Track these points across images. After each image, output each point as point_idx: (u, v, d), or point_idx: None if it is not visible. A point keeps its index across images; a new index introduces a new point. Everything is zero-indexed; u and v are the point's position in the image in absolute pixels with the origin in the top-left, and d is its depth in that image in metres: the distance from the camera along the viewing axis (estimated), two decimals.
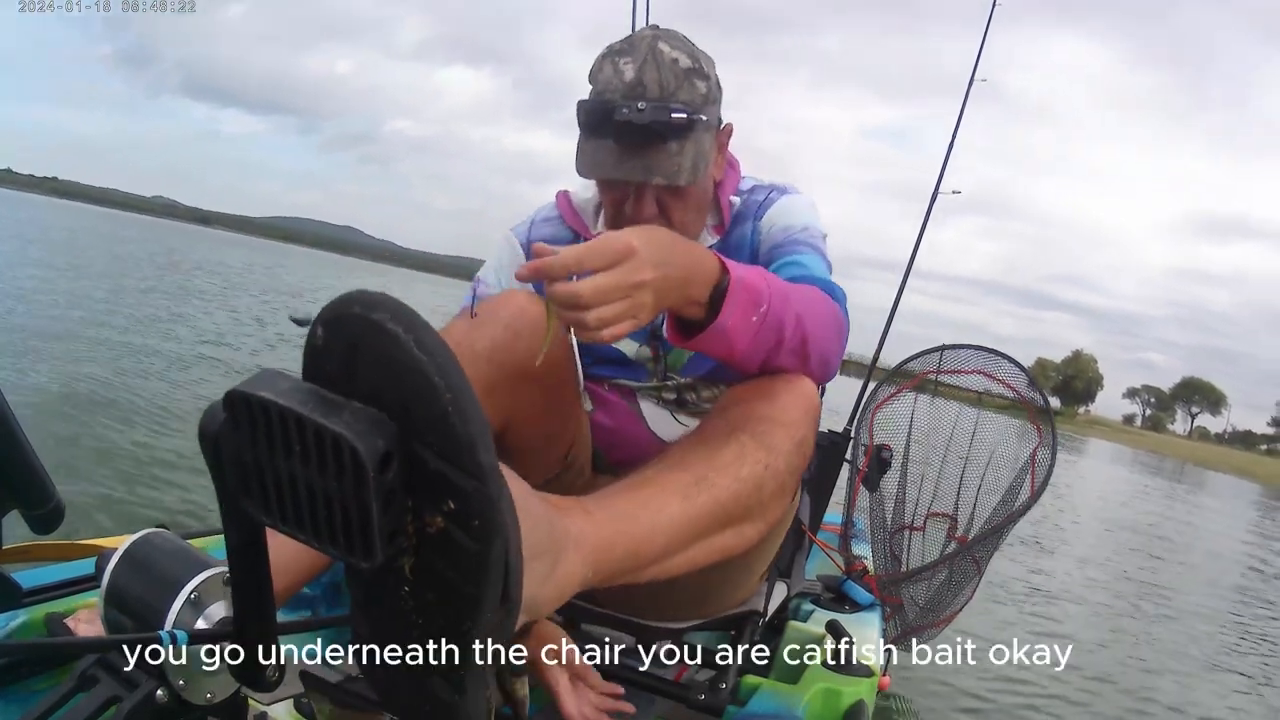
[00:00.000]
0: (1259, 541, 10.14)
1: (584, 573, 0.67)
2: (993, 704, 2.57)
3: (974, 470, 2.08)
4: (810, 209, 1.17)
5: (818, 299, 0.95)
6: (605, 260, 0.71)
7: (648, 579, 0.77)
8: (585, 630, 1.21)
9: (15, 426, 0.68)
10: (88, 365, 4.44)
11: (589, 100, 1.04)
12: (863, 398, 2.11)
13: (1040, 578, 4.61)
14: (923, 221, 2.35)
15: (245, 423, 0.51)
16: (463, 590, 0.52)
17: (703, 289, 0.80)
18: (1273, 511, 18.12)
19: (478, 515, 0.50)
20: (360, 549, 0.50)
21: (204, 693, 0.74)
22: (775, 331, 0.85)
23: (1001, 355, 2.06)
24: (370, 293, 0.51)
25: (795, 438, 0.85)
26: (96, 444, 3.17)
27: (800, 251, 1.10)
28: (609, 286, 0.71)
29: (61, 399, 3.67)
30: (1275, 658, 4.09)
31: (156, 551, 0.76)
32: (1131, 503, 11.65)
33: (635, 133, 1.00)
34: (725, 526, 0.81)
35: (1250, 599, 5.77)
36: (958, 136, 2.32)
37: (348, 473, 0.48)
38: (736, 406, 0.88)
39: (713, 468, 0.80)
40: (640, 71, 1.01)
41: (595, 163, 1.03)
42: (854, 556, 1.77)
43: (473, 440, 0.49)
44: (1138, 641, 3.83)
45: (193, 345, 5.88)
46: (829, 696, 1.10)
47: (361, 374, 0.50)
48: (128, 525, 2.30)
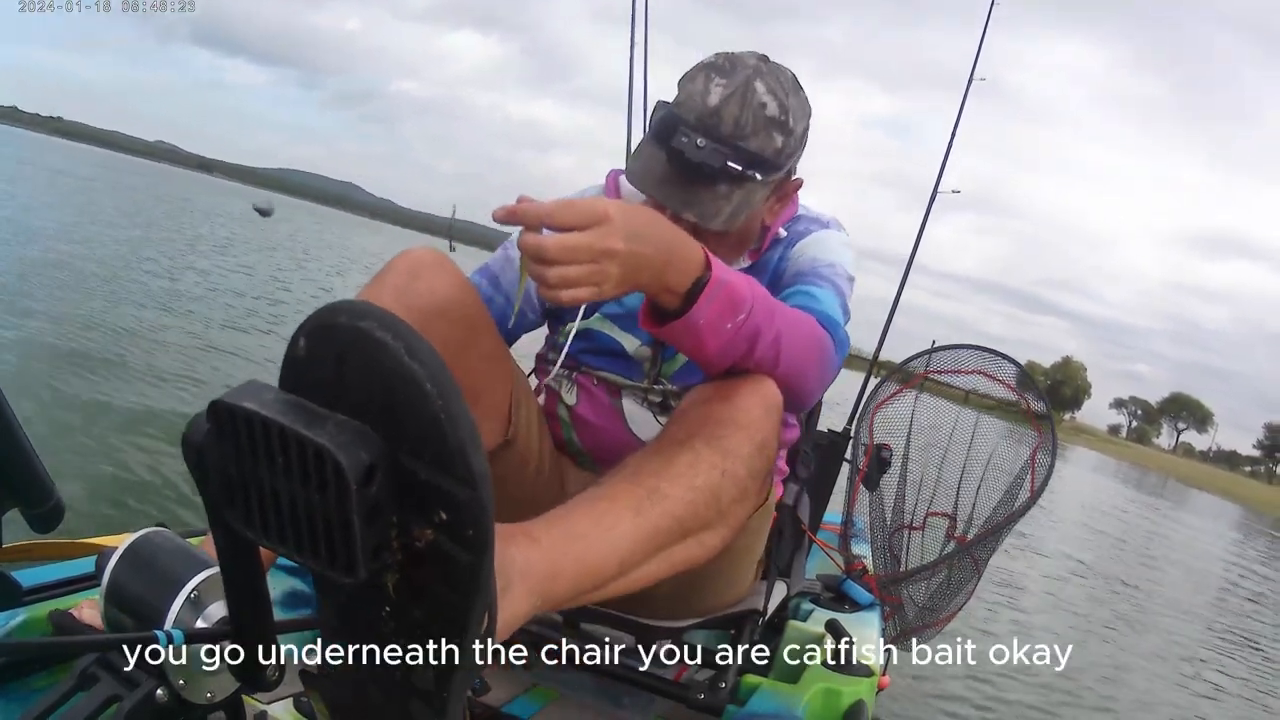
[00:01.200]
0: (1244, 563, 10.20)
1: (531, 603, 0.66)
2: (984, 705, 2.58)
3: (974, 470, 2.08)
4: (843, 247, 1.16)
5: (807, 329, 0.94)
6: (578, 220, 0.70)
7: (606, 597, 0.76)
8: (585, 630, 1.21)
9: (15, 426, 0.68)
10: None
11: (665, 107, 1.04)
12: (863, 397, 2.11)
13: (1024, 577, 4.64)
14: (923, 219, 2.36)
15: (229, 434, 0.50)
16: (452, 605, 0.52)
17: (680, 278, 0.79)
18: (1256, 536, 18.14)
19: (472, 524, 0.49)
20: (343, 563, 0.49)
21: (204, 692, 0.75)
22: (749, 341, 0.84)
23: (1002, 356, 2.06)
24: (355, 302, 0.51)
25: (755, 440, 0.84)
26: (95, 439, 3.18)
27: (816, 284, 1.08)
28: (576, 246, 0.70)
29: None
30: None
31: (157, 550, 0.76)
32: (1114, 514, 11.68)
33: (687, 165, 0.99)
34: (683, 538, 0.79)
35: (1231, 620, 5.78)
36: (957, 134, 2.33)
37: (330, 486, 0.48)
38: (694, 409, 0.86)
39: (665, 478, 0.78)
40: (724, 101, 0.99)
41: (644, 172, 1.03)
42: (854, 556, 1.77)
43: (464, 446, 0.48)
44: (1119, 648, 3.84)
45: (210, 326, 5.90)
46: (829, 696, 1.09)
47: (349, 384, 0.50)
48: (128, 524, 2.30)
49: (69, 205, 13.21)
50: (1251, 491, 56.03)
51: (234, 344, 5.54)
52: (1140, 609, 5.29)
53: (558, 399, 1.21)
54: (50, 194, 15.26)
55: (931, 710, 2.53)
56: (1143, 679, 3.51)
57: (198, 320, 6.04)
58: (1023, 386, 1.99)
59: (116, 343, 4.67)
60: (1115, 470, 32.41)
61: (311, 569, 0.52)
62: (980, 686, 2.82)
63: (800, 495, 1.40)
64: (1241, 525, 21.42)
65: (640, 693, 1.21)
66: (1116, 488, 19.18)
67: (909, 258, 2.41)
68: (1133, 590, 5.86)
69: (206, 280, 8.32)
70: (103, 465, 2.92)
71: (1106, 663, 3.63)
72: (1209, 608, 6.32)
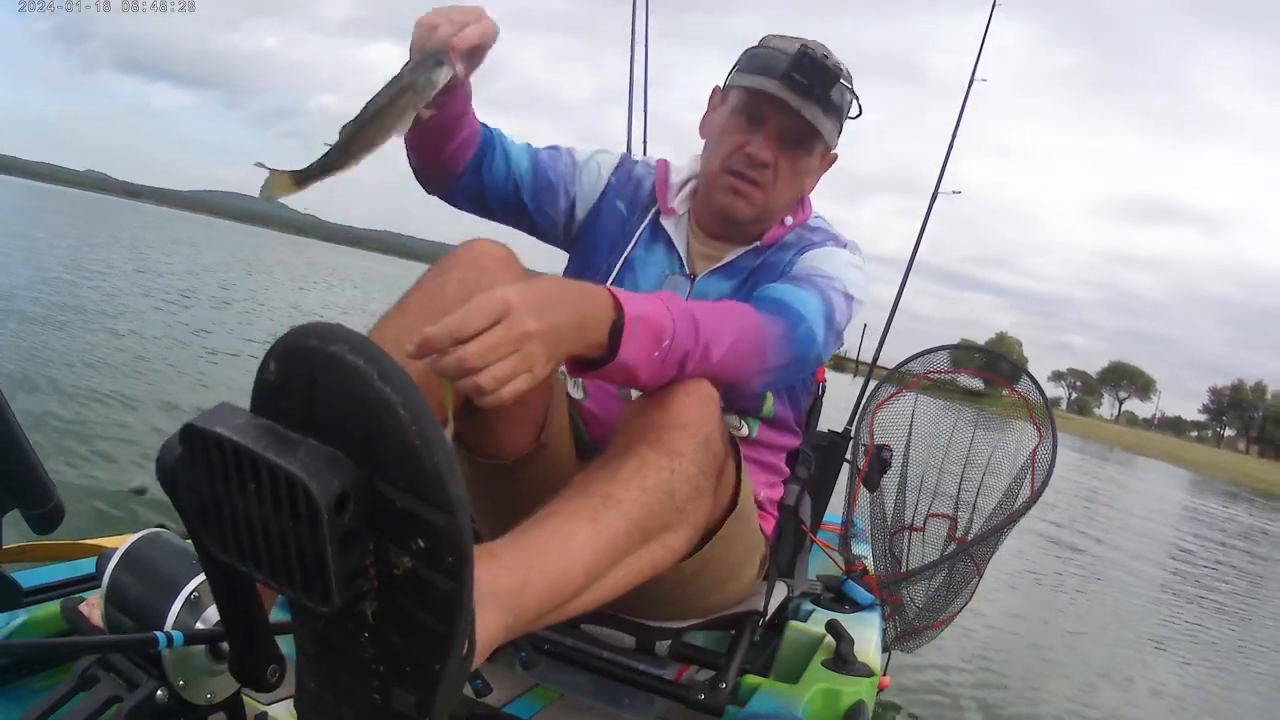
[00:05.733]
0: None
1: (503, 622, 0.66)
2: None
3: (974, 470, 2.08)
4: (850, 267, 1.18)
5: (738, 322, 0.95)
6: (483, 319, 0.69)
7: (577, 611, 0.76)
8: (585, 630, 1.21)
9: (15, 426, 0.68)
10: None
11: (766, 44, 1.16)
12: (863, 398, 2.11)
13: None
14: (923, 221, 2.36)
15: (200, 458, 0.49)
16: (432, 631, 0.51)
17: (598, 329, 0.79)
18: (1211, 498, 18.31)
19: (450, 551, 0.48)
20: (317, 591, 0.48)
21: (204, 693, 0.75)
22: (678, 364, 0.86)
23: (1002, 356, 2.06)
24: (326, 324, 0.50)
25: (699, 437, 0.85)
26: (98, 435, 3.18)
27: (798, 285, 1.10)
28: (494, 345, 0.69)
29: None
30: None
31: (157, 552, 0.76)
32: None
33: (812, 71, 1.10)
34: (645, 541, 0.80)
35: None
36: (958, 135, 2.33)
37: (302, 514, 0.46)
38: (633, 419, 0.88)
39: (616, 484, 0.79)
40: (809, 47, 1.11)
41: (763, 83, 1.12)
42: (854, 556, 1.77)
43: (440, 472, 0.47)
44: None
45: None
46: (829, 696, 1.09)
47: (320, 408, 0.49)
48: (128, 525, 2.31)
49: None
50: (1203, 456, 56.09)
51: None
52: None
53: (564, 395, 1.21)
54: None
55: (931, 710, 2.53)
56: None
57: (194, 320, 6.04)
58: (1023, 386, 2.00)
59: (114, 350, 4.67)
60: (1066, 443, 32.48)
61: (287, 595, 0.51)
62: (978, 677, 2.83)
63: (801, 496, 1.40)
64: (1200, 489, 21.78)
65: (640, 693, 1.21)
66: (1074, 460, 19.02)
67: (909, 259, 2.42)
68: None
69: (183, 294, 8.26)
70: (103, 466, 2.92)
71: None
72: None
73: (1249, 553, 9.53)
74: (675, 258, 1.23)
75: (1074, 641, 3.78)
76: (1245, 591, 6.63)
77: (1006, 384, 2.02)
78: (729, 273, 1.22)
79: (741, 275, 1.21)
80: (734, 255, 1.22)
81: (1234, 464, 53.19)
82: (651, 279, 1.22)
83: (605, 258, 1.23)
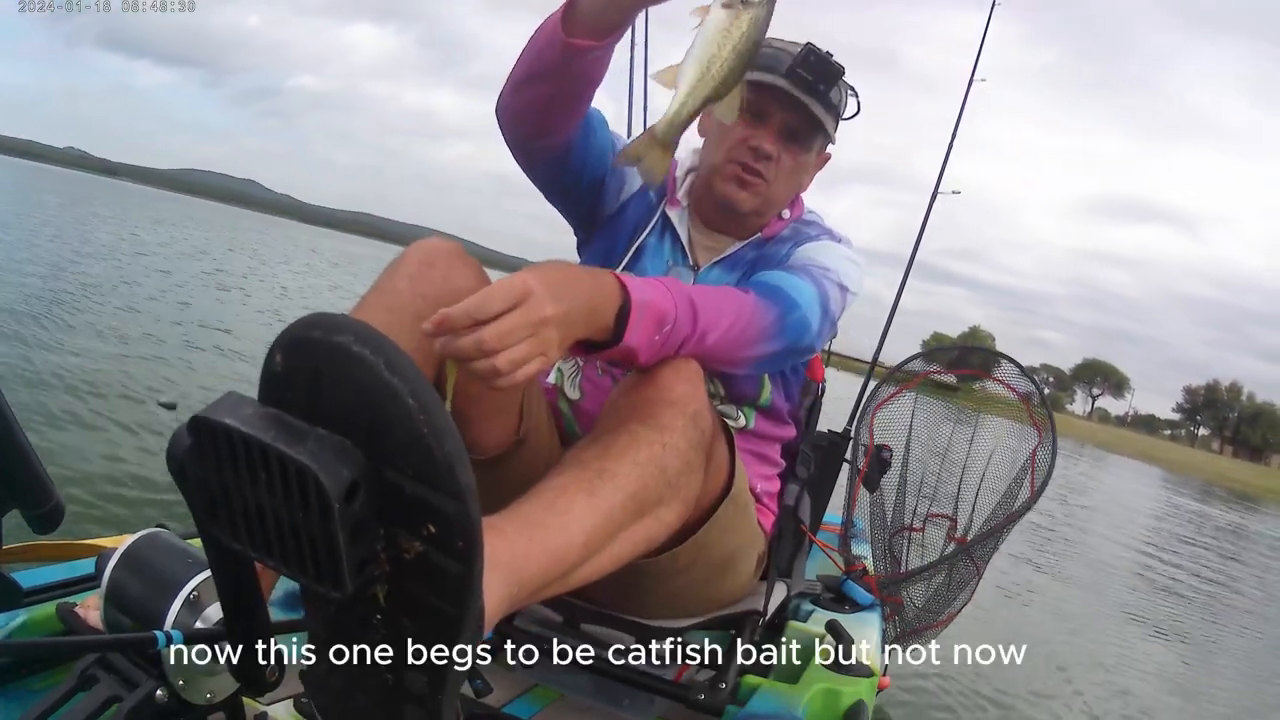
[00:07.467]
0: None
1: (507, 592, 0.67)
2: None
3: (974, 470, 2.08)
4: (845, 261, 1.19)
5: (741, 311, 0.98)
6: (504, 303, 0.70)
7: (577, 583, 0.77)
8: (585, 630, 1.20)
9: (15, 426, 0.68)
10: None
11: (769, 43, 1.13)
12: (863, 398, 2.11)
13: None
14: (923, 221, 2.36)
15: (210, 449, 0.49)
16: (444, 613, 0.51)
17: (607, 314, 0.82)
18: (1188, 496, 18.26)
19: (461, 536, 0.49)
20: (329, 578, 0.49)
21: (204, 693, 0.75)
22: (677, 347, 0.90)
23: (1001, 356, 2.06)
24: (331, 315, 0.50)
25: (688, 412, 0.87)
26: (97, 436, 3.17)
27: (793, 273, 1.12)
28: (513, 328, 0.70)
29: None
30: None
31: (156, 552, 0.76)
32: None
33: (817, 68, 1.13)
34: (640, 515, 0.82)
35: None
36: (958, 135, 2.33)
37: (312, 503, 0.47)
38: (622, 398, 0.91)
39: (610, 459, 0.81)
40: (808, 48, 1.14)
41: (770, 78, 1.14)
42: (854, 556, 1.77)
43: (451, 461, 0.48)
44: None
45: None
46: (829, 696, 1.09)
47: (327, 399, 0.49)
48: (128, 525, 2.30)
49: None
50: (1178, 455, 55.94)
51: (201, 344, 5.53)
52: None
53: (559, 394, 1.22)
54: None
55: (932, 709, 2.53)
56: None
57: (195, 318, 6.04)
58: (1023, 386, 2.00)
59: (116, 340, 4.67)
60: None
61: (300, 582, 0.51)
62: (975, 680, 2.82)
63: (800, 496, 1.40)
64: (1177, 489, 21.89)
65: (640, 693, 1.21)
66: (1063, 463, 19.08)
67: (909, 259, 2.42)
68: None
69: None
70: (103, 466, 2.92)
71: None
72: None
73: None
74: (679, 249, 1.25)
75: (1071, 638, 3.78)
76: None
77: (1007, 385, 2.02)
78: (731, 265, 1.24)
79: (743, 267, 1.23)
80: (735, 248, 1.25)
81: (1209, 463, 53.22)
82: (658, 268, 1.25)
83: (626, 243, 1.26)
